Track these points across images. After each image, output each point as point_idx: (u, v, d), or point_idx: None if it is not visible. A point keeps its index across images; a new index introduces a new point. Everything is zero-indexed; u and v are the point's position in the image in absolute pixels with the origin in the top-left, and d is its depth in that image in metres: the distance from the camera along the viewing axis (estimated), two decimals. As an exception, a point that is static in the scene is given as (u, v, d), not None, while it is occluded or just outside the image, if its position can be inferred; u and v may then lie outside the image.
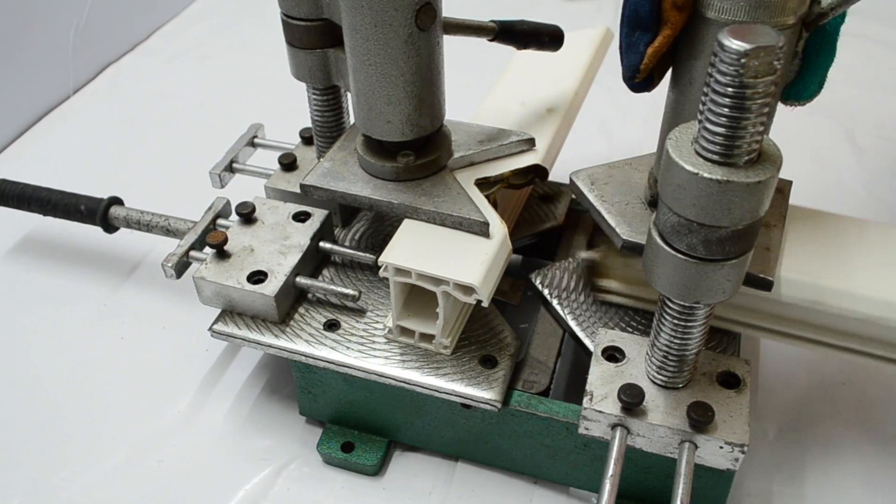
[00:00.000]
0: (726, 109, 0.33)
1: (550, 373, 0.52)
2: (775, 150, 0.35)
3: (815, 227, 0.50)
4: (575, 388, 0.59)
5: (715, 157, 0.34)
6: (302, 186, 0.53)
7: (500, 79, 0.66)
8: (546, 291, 0.55)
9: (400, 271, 0.47)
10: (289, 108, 0.79)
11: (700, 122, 0.34)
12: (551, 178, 0.59)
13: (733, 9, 0.38)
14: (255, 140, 0.68)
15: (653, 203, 0.38)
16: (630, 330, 0.53)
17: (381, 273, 0.48)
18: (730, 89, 0.32)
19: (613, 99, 0.96)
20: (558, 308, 0.54)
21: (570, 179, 0.52)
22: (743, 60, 0.31)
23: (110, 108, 0.94)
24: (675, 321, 0.42)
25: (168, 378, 0.62)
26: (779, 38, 0.31)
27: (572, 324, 0.53)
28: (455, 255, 0.48)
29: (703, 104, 0.34)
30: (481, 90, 0.68)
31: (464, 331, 0.52)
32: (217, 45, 1.07)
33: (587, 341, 0.52)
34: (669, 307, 0.41)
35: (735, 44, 0.31)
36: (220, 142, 0.73)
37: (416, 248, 0.48)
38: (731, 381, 0.46)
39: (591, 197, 0.50)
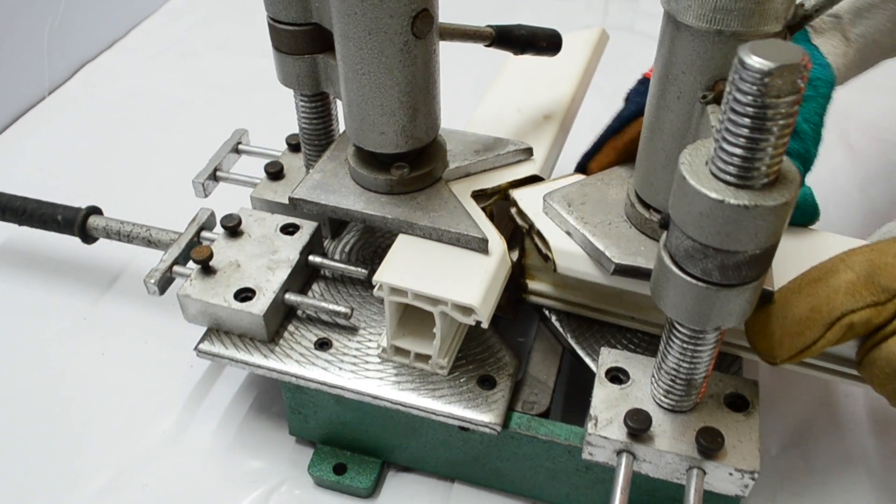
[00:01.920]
0: (746, 130, 0.31)
1: (551, 393, 0.50)
2: (791, 167, 0.33)
3: (808, 247, 0.48)
4: (573, 404, 0.58)
5: (731, 179, 0.32)
6: (291, 200, 0.51)
7: (495, 83, 0.64)
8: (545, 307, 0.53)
9: (395, 291, 0.45)
10: (274, 110, 0.76)
11: (716, 141, 0.32)
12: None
13: (725, 19, 0.36)
14: (240, 146, 0.65)
15: (664, 225, 0.36)
16: (632, 347, 0.51)
17: (376, 292, 0.46)
18: (750, 109, 0.30)
19: (604, 99, 0.93)
20: (558, 325, 0.52)
21: (544, 202, 0.50)
22: (766, 80, 0.29)
23: (87, 110, 0.91)
24: (684, 345, 0.40)
25: (152, 396, 0.60)
26: (803, 55, 0.29)
27: (573, 341, 0.51)
28: (453, 273, 0.46)
29: (720, 123, 0.32)
30: (474, 93, 0.66)
31: (460, 350, 0.50)
32: (198, 42, 1.04)
33: (588, 360, 0.50)
34: (678, 331, 0.40)
35: (758, 62, 0.29)
36: (202, 145, 0.70)
37: (412, 266, 0.46)
38: (738, 404, 0.45)
39: (570, 220, 0.48)
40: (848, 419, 0.59)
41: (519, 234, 0.54)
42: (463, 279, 0.45)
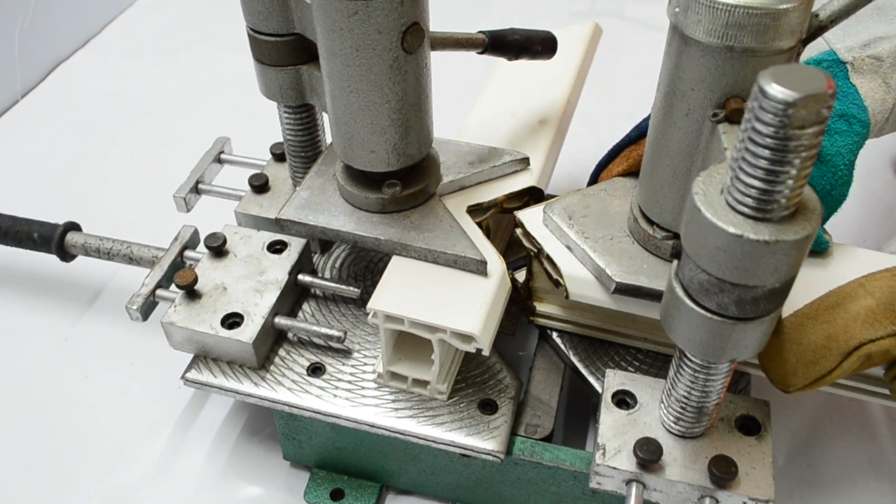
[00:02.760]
0: (765, 162, 0.29)
1: (554, 415, 0.48)
2: (811, 196, 0.31)
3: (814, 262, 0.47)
4: (573, 418, 0.56)
5: (749, 212, 0.30)
6: (278, 221, 0.48)
7: (487, 86, 0.61)
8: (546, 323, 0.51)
9: (391, 318, 0.43)
10: (258, 108, 0.73)
11: (732, 170, 0.30)
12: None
13: (738, 35, 0.34)
14: (222, 156, 0.63)
15: (676, 255, 0.34)
16: (637, 364, 0.49)
17: (370, 319, 0.44)
18: (771, 140, 0.28)
19: (597, 92, 0.91)
20: (559, 342, 0.50)
21: (544, 214, 0.48)
22: (790, 111, 0.27)
23: (63, 113, 0.88)
24: (696, 374, 0.38)
25: (139, 420, 0.58)
26: (828, 82, 0.27)
27: (576, 360, 0.50)
28: (451, 298, 0.43)
29: (738, 151, 0.30)
30: (465, 96, 0.63)
31: (459, 372, 0.48)
32: (176, 37, 1.01)
33: (593, 380, 0.48)
34: (689, 361, 0.38)
35: (780, 91, 0.27)
36: (183, 149, 0.67)
37: (408, 292, 0.44)
38: (750, 426, 0.43)
39: (571, 234, 0.46)
40: (854, 424, 0.57)
41: (515, 242, 0.52)
42: (462, 305, 0.43)
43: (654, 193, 0.42)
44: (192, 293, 0.49)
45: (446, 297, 0.43)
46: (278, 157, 0.61)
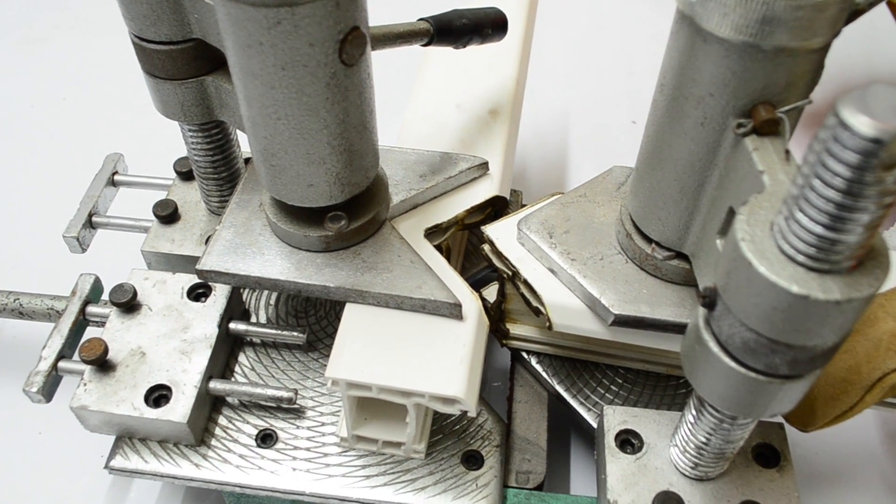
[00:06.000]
0: (834, 207, 0.23)
1: (546, 456, 0.43)
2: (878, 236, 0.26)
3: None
4: (558, 449, 0.51)
5: (811, 263, 0.24)
6: (200, 274, 0.40)
7: (423, 72, 0.53)
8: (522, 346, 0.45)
9: (356, 385, 0.36)
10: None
11: (789, 208, 0.24)
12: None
13: (775, 32, 0.28)
14: (116, 178, 0.53)
15: (709, 305, 0.28)
16: (628, 386, 0.44)
17: (330, 387, 0.36)
18: (847, 183, 0.22)
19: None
20: (539, 369, 0.45)
21: (519, 231, 0.41)
22: (880, 151, 0.21)
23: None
24: (720, 424, 0.33)
25: (60, 502, 0.49)
26: (920, 107, 0.21)
27: (560, 388, 0.44)
28: (424, 353, 0.37)
29: (799, 188, 0.24)
30: (395, 83, 0.55)
31: (434, 421, 0.42)
32: (42, 22, 0.87)
33: (583, 411, 0.43)
34: (715, 412, 0.33)
35: (869, 126, 0.21)
36: (66, 162, 0.56)
37: (371, 351, 0.37)
38: (768, 456, 0.39)
39: (553, 255, 0.39)
40: (861, 430, 0.54)
41: (473, 251, 0.45)
42: (438, 361, 0.36)
43: (653, 209, 0.36)
44: (103, 365, 0.41)
45: (418, 352, 0.37)
46: (185, 175, 0.52)
